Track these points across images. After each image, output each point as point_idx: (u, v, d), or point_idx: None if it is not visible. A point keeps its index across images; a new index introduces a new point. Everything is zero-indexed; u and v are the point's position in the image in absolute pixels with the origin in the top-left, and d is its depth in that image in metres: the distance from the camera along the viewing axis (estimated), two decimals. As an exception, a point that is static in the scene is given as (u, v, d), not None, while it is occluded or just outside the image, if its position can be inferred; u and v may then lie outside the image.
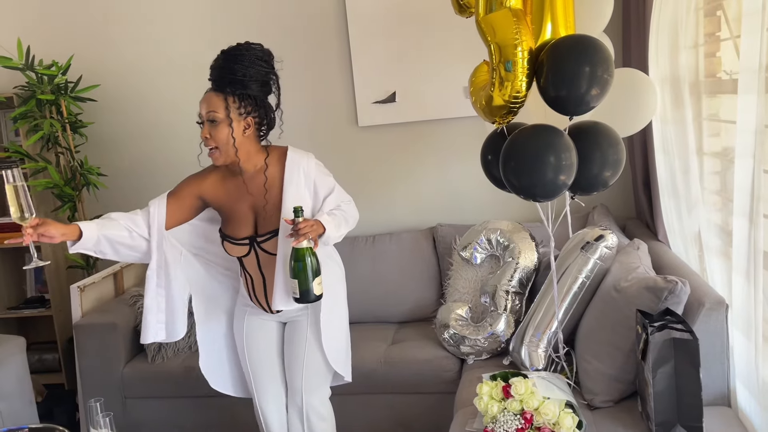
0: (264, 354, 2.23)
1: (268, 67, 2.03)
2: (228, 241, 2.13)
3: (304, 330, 2.17)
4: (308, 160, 2.11)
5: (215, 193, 2.13)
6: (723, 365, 1.92)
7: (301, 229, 1.89)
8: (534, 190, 1.83)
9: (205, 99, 2.01)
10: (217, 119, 1.98)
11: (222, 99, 1.98)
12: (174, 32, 3.35)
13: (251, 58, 1.97)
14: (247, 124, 2.02)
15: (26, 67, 3.15)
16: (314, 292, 1.96)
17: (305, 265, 1.92)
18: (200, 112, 2.02)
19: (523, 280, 2.55)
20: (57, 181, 3.19)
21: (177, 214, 2.12)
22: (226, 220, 2.14)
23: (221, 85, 1.98)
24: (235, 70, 1.96)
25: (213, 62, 2.01)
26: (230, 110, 1.98)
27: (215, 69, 2.00)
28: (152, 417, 2.83)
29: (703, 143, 2.18)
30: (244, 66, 1.96)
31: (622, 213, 3.12)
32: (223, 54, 1.99)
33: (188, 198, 2.14)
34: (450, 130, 3.20)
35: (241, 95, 1.98)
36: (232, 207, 2.11)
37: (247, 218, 2.11)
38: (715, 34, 2.16)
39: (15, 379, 2.65)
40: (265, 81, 2.03)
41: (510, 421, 1.83)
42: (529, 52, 1.75)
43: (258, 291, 2.17)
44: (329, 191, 2.12)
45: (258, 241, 2.09)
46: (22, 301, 3.59)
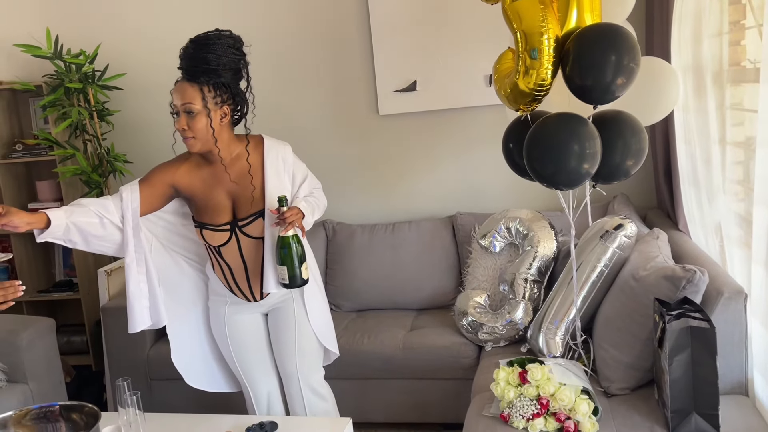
0: (252, 348, 2.24)
1: (240, 53, 2.00)
2: (207, 229, 2.10)
3: (291, 315, 2.19)
4: (285, 148, 2.13)
5: (189, 181, 2.10)
6: (741, 354, 1.92)
7: (288, 217, 1.94)
8: (557, 178, 1.84)
9: (179, 89, 1.96)
10: (194, 110, 1.95)
11: (198, 89, 1.94)
12: (198, 21, 3.39)
13: (223, 46, 1.94)
14: (223, 113, 2.00)
15: (55, 56, 3.22)
16: (302, 277, 2.01)
17: (292, 252, 1.97)
18: (174, 102, 1.98)
19: (542, 269, 2.56)
20: (84, 168, 3.26)
21: (149, 201, 2.08)
22: (201, 208, 2.10)
23: (195, 74, 1.94)
24: (208, 60, 1.92)
25: (182, 51, 1.97)
26: (207, 100, 1.95)
27: (187, 59, 1.95)
28: (176, 398, 2.91)
29: (726, 133, 2.16)
30: (217, 55, 1.93)
31: (643, 203, 3.11)
32: (193, 43, 1.95)
33: (160, 186, 2.09)
34: (470, 118, 3.21)
35: (216, 84, 1.96)
36: (207, 195, 2.09)
37: (224, 205, 2.09)
38: (740, 22, 2.14)
39: (45, 360, 2.74)
40: (237, 68, 2.00)
41: (526, 407, 1.86)
42: (555, 40, 1.75)
43: (240, 279, 2.15)
44: (304, 178, 2.16)
45: (239, 226, 2.08)
46: (51, 284, 3.69)
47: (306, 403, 2.22)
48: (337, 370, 2.59)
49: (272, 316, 2.25)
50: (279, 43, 3.33)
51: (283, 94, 3.38)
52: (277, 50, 3.34)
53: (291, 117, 3.40)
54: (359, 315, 3.05)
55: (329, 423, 2.08)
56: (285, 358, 2.22)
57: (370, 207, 3.40)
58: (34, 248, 3.65)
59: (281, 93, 3.38)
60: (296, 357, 2.20)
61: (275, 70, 3.36)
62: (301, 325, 2.20)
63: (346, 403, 2.71)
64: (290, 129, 3.40)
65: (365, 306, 3.11)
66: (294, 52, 3.32)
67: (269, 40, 3.33)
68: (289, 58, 3.34)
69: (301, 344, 2.20)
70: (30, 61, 3.47)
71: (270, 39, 3.33)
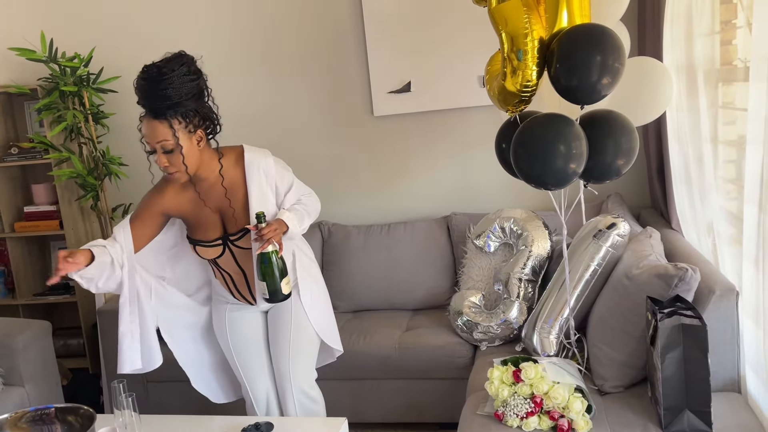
0: (251, 344, 2.26)
1: (196, 75, 1.95)
2: (200, 245, 2.13)
3: (288, 313, 2.21)
4: (266, 159, 2.10)
5: (177, 205, 2.11)
6: (733, 352, 1.93)
7: (265, 234, 1.93)
8: (545, 178, 1.85)
9: (150, 128, 1.92)
10: (170, 147, 1.93)
11: (167, 125, 1.91)
12: (193, 24, 3.40)
13: (179, 75, 1.89)
14: (198, 137, 1.98)
15: (49, 60, 3.23)
16: (283, 292, 2.01)
17: (272, 268, 1.97)
18: (146, 140, 1.94)
19: (536, 268, 2.57)
20: (80, 171, 3.26)
21: (144, 234, 2.11)
22: (193, 226, 2.13)
23: (160, 111, 1.90)
24: (169, 95, 1.88)
25: (138, 89, 1.92)
26: (180, 132, 1.92)
27: (146, 97, 1.90)
28: (172, 400, 2.91)
29: (718, 131, 2.18)
30: (176, 87, 1.88)
31: (637, 202, 3.12)
32: (148, 81, 1.89)
33: (152, 218, 2.12)
34: (464, 119, 3.22)
35: (184, 114, 1.92)
36: (197, 214, 2.11)
37: (214, 221, 2.11)
38: (731, 21, 2.15)
39: (41, 363, 2.74)
40: (199, 91, 1.96)
41: (520, 405, 1.87)
42: (539, 41, 1.76)
43: (240, 286, 2.20)
44: (289, 187, 2.13)
45: (231, 240, 2.12)
46: (47, 287, 3.69)
47: (297, 403, 2.23)
48: (333, 371, 2.60)
49: (271, 313, 2.28)
50: (273, 44, 3.34)
51: (277, 96, 3.39)
52: (271, 52, 3.35)
53: (285, 118, 3.41)
54: (355, 315, 3.06)
55: (325, 423, 2.09)
56: (279, 356, 2.23)
57: (366, 208, 3.41)
58: (31, 251, 3.65)
59: (275, 94, 3.38)
60: (290, 356, 2.21)
61: (269, 72, 3.37)
62: (298, 324, 2.21)
63: (342, 404, 2.72)
64: (285, 130, 3.41)
65: (361, 306, 3.12)
66: (288, 54, 3.33)
67: (263, 42, 3.34)
68: (283, 59, 3.35)
69: (296, 344, 2.21)
70: (25, 65, 3.47)
71: (264, 40, 3.34)
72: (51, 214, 3.49)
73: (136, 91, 1.93)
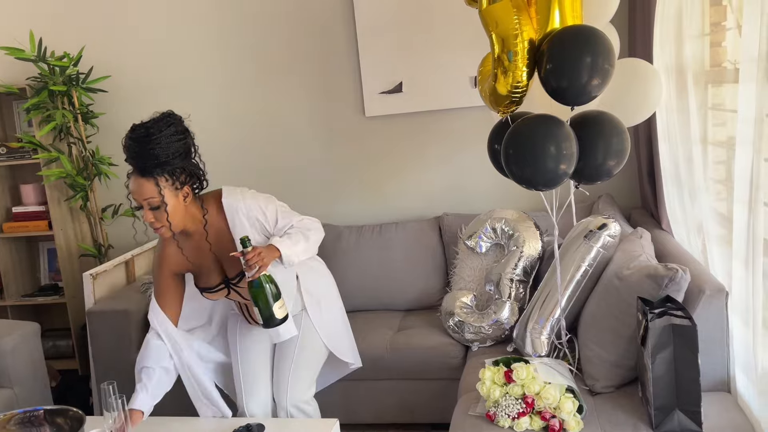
0: (258, 359, 2.27)
1: (184, 135, 1.98)
2: (207, 292, 2.19)
3: (297, 325, 2.22)
4: (243, 201, 2.09)
5: (179, 262, 2.16)
6: (723, 352, 1.94)
7: (249, 260, 1.92)
8: (535, 179, 1.86)
9: (137, 186, 1.95)
10: (156, 204, 1.95)
11: (153, 183, 1.94)
12: (183, 24, 3.38)
13: (167, 135, 1.92)
14: (185, 194, 2.01)
15: (38, 59, 3.20)
16: (277, 317, 1.97)
17: (263, 292, 1.94)
18: (134, 197, 1.97)
19: (527, 269, 2.57)
20: (69, 171, 3.24)
21: (173, 304, 2.17)
22: (196, 277, 2.19)
23: (147, 170, 1.93)
24: (157, 155, 1.91)
25: (126, 148, 1.94)
26: (165, 190, 1.95)
27: (134, 157, 1.93)
28: (163, 401, 2.88)
29: (708, 133, 2.19)
30: (163, 147, 1.91)
31: (628, 202, 3.14)
32: (136, 141, 1.92)
33: (169, 284, 2.17)
34: (456, 120, 3.22)
35: (170, 172, 1.95)
36: (197, 265, 2.15)
37: (213, 269, 2.15)
38: (721, 23, 2.17)
39: (30, 364, 2.72)
40: (185, 150, 1.99)
41: (512, 405, 1.87)
42: (529, 43, 1.77)
43: (252, 313, 2.23)
44: (275, 219, 2.12)
45: (232, 283, 2.15)
46: (36, 288, 3.66)
47: (288, 416, 2.22)
48: (325, 372, 2.60)
49: None
50: (264, 44, 3.33)
51: (268, 96, 3.38)
52: (261, 52, 3.34)
53: (277, 119, 3.40)
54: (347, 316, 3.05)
55: (317, 424, 2.08)
56: (281, 369, 2.24)
57: (357, 208, 3.41)
58: (19, 252, 3.62)
59: (266, 95, 3.38)
60: (291, 369, 2.22)
61: (260, 73, 3.36)
62: (305, 337, 2.22)
63: (334, 404, 2.71)
64: (276, 131, 3.40)
65: (353, 307, 3.11)
66: (279, 54, 3.32)
67: (254, 42, 3.33)
68: (274, 59, 3.34)
69: (299, 356, 2.22)
70: (13, 64, 3.44)
71: (255, 41, 3.33)
72: (40, 214, 3.46)
73: (124, 150, 1.95)
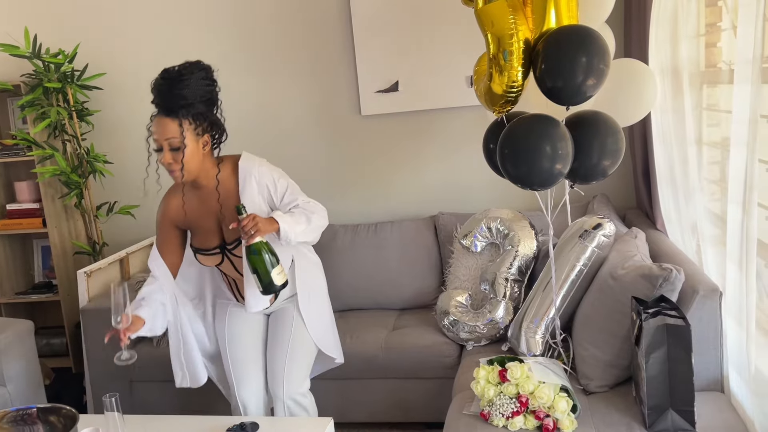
0: (246, 341, 2.27)
1: (212, 83, 2.05)
2: (201, 254, 2.19)
3: (289, 318, 2.23)
4: (259, 167, 2.13)
5: (181, 214, 2.18)
6: (716, 352, 1.95)
7: (245, 226, 1.93)
8: (530, 178, 1.86)
9: (160, 125, 2.00)
10: (178, 144, 2.00)
11: (178, 123, 1.99)
12: (179, 21, 3.37)
13: (196, 79, 1.99)
14: (204, 142, 2.06)
15: (33, 56, 3.19)
16: (276, 283, 1.98)
17: (261, 258, 1.95)
18: (155, 138, 2.01)
19: (522, 268, 2.58)
20: (64, 169, 3.23)
21: (174, 255, 2.21)
22: (194, 233, 2.20)
23: (173, 110, 1.98)
24: (184, 95, 1.97)
25: (155, 87, 2.01)
26: (188, 133, 2.00)
27: (162, 95, 1.99)
28: (158, 399, 2.89)
29: (703, 133, 2.19)
30: (192, 89, 1.98)
31: (623, 202, 3.15)
32: (166, 80, 1.99)
33: (170, 235, 2.20)
34: (452, 119, 3.22)
35: (195, 115, 2.01)
36: (198, 222, 2.16)
37: (212, 229, 2.16)
38: (716, 24, 2.17)
39: (23, 363, 2.71)
40: (211, 98, 2.05)
41: (506, 405, 1.87)
42: (525, 42, 1.77)
43: (242, 290, 2.23)
44: (284, 192, 2.14)
45: (228, 249, 2.15)
46: (30, 286, 3.65)
47: (285, 409, 2.22)
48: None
49: (273, 318, 2.30)
50: (261, 43, 3.32)
51: (265, 95, 3.37)
52: (258, 51, 3.33)
53: (273, 118, 3.40)
54: (341, 315, 3.05)
55: (310, 423, 2.08)
56: (275, 360, 2.23)
57: (353, 207, 3.41)
58: (13, 249, 3.60)
59: (263, 94, 3.37)
60: (286, 361, 2.21)
61: (257, 71, 3.35)
62: (297, 330, 2.22)
63: (328, 403, 2.71)
64: (273, 130, 3.40)
65: (348, 306, 3.11)
66: (276, 53, 3.31)
67: (251, 41, 3.32)
68: (271, 58, 3.33)
69: (293, 349, 2.22)
70: (8, 61, 3.43)
71: (252, 40, 3.32)
72: (34, 212, 3.45)
73: (152, 91, 2.01)
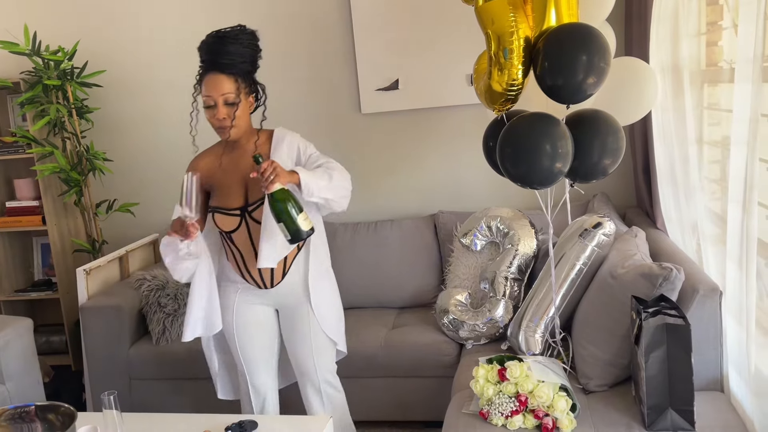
0: (258, 341, 2.25)
1: (258, 48, 2.14)
2: (220, 212, 2.16)
3: (304, 313, 2.22)
4: (293, 135, 2.22)
5: (209, 171, 2.20)
6: (716, 351, 1.94)
7: (264, 171, 1.93)
8: (530, 177, 1.85)
9: (215, 81, 2.05)
10: (233, 100, 2.07)
11: (233, 81, 2.06)
12: (179, 18, 3.36)
13: (248, 40, 2.08)
14: (251, 103, 2.15)
15: (33, 53, 3.18)
16: (303, 229, 1.96)
17: (285, 206, 1.93)
18: (208, 94, 2.06)
19: (522, 267, 2.57)
20: (63, 166, 3.22)
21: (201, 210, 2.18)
22: (217, 192, 2.19)
23: (228, 66, 2.05)
24: (239, 52, 2.05)
25: (208, 45, 2.06)
26: (241, 90, 2.08)
27: (214, 52, 2.04)
28: (157, 397, 2.89)
29: (703, 132, 2.19)
30: (246, 48, 2.06)
31: (623, 201, 3.14)
32: (219, 38, 2.05)
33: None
34: (452, 117, 3.22)
35: (244, 75, 2.09)
36: (223, 181, 2.17)
37: (237, 191, 2.16)
38: (717, 22, 2.17)
39: (22, 360, 2.70)
40: (256, 60, 2.14)
41: (505, 404, 1.87)
42: (525, 40, 1.76)
43: (250, 265, 2.18)
44: (310, 154, 2.20)
45: (249, 210, 2.14)
46: (29, 283, 3.65)
47: (324, 395, 2.26)
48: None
49: (284, 314, 2.27)
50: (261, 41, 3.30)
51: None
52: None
53: (273, 115, 3.37)
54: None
55: (309, 421, 2.07)
56: (301, 354, 2.24)
57: (353, 205, 3.35)
58: (13, 247, 3.60)
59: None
60: (313, 356, 2.23)
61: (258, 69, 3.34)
62: (314, 322, 2.23)
63: (328, 402, 2.71)
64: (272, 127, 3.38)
65: (347, 304, 3.06)
66: (276, 51, 3.30)
67: (251, 38, 3.31)
68: (271, 57, 3.31)
69: (316, 342, 2.23)
70: (7, 58, 3.42)
71: (252, 37, 3.31)
72: (34, 209, 3.45)
73: (203, 49, 2.07)
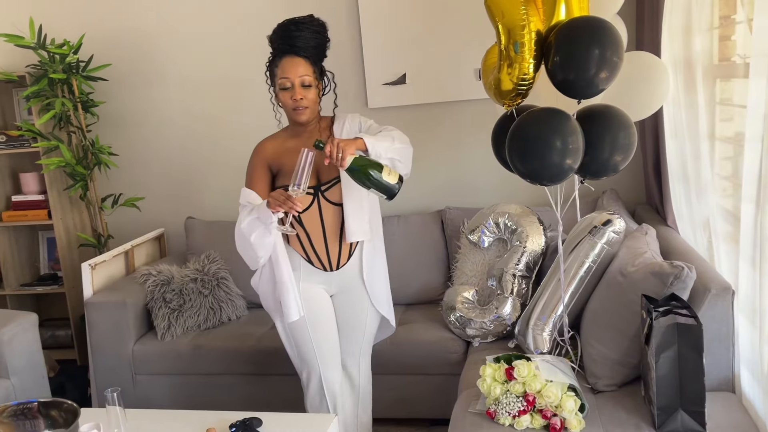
0: (330, 333, 2.27)
1: (328, 37, 2.26)
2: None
3: (361, 299, 2.29)
4: (352, 114, 2.33)
5: (277, 155, 2.26)
6: (728, 351, 1.91)
7: (331, 152, 1.99)
8: (540, 173, 1.82)
9: (293, 64, 2.16)
10: (309, 82, 2.17)
11: (310, 63, 2.18)
12: (185, 12, 3.34)
13: (321, 28, 2.21)
14: (321, 88, 2.25)
15: (38, 46, 3.17)
16: (392, 182, 2.01)
17: (366, 172, 1.98)
18: (286, 76, 2.16)
19: (530, 264, 2.54)
20: (69, 160, 3.21)
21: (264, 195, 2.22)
22: (288, 175, 2.20)
23: (305, 50, 2.17)
24: (318, 39, 2.19)
25: (282, 30, 2.18)
26: (316, 74, 2.19)
27: (292, 37, 2.16)
28: (161, 393, 2.88)
29: (716, 128, 2.15)
30: (319, 34, 2.20)
31: (633, 198, 3.10)
32: (296, 24, 2.18)
33: (261, 175, 2.26)
34: (460, 112, 3.19)
35: (316, 60, 2.21)
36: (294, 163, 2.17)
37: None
38: (730, 16, 2.13)
39: (27, 355, 2.70)
40: (325, 49, 2.25)
41: (512, 404, 1.84)
42: (536, 34, 1.73)
43: (318, 246, 2.22)
44: (370, 125, 2.29)
45: (322, 190, 2.21)
46: (35, 278, 3.65)
47: (359, 385, 2.35)
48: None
49: (339, 300, 2.30)
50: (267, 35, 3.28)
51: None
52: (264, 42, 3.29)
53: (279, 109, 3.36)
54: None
55: (315, 419, 2.06)
56: (351, 339, 2.32)
57: (359, 201, 3.37)
58: (18, 241, 3.60)
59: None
60: (363, 339, 2.33)
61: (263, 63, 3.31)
62: (369, 310, 2.31)
63: (333, 399, 2.69)
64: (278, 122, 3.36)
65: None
66: (282, 44, 3.28)
67: (257, 32, 3.28)
68: (277, 49, 3.30)
69: (368, 330, 2.34)
70: (13, 51, 3.41)
71: (258, 31, 3.28)
72: (39, 203, 3.44)
73: (279, 34, 2.18)
